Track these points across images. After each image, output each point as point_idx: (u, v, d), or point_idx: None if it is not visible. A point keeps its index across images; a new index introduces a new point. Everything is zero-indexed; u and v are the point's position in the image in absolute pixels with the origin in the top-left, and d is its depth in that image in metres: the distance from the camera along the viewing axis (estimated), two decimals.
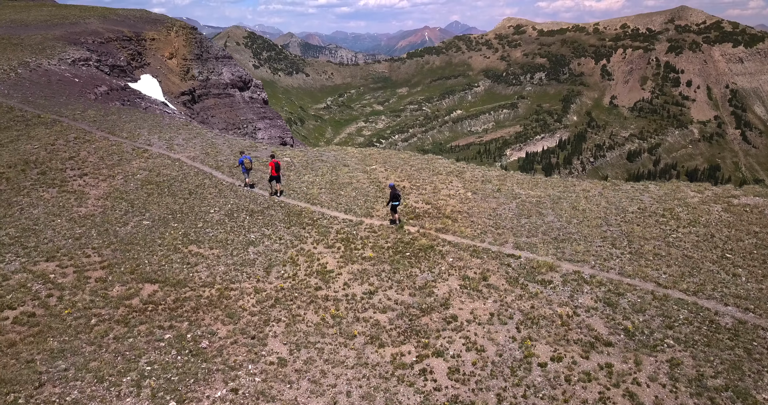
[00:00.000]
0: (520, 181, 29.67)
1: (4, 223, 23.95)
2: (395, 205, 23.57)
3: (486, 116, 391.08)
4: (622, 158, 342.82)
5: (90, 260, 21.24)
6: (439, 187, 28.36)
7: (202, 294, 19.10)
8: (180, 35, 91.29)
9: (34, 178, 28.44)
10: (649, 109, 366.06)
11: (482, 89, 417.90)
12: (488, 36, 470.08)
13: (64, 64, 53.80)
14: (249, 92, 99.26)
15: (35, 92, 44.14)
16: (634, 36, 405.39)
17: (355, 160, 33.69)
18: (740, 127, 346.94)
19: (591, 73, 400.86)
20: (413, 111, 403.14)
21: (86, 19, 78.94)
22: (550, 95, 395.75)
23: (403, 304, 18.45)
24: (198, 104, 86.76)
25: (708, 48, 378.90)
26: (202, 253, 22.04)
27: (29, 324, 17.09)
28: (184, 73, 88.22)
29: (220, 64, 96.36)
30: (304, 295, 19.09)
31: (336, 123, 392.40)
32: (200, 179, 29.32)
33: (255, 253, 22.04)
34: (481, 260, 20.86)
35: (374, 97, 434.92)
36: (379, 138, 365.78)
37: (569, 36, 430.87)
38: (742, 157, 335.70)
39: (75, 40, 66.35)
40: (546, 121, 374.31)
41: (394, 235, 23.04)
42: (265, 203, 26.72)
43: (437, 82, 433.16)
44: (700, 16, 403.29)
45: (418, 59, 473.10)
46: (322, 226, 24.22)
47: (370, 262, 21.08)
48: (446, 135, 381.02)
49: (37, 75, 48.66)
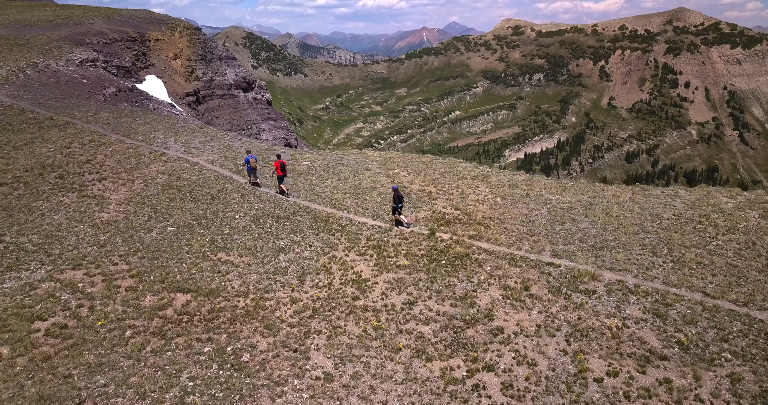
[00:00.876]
0: (547, 185, 29.21)
1: (26, 229, 23.36)
2: (399, 207, 23.67)
3: (484, 117, 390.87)
4: (621, 159, 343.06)
5: (118, 268, 20.67)
6: (466, 191, 27.87)
7: (237, 304, 18.55)
8: (184, 36, 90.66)
9: (52, 182, 27.83)
10: (648, 110, 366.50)
11: (481, 90, 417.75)
12: (487, 37, 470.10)
13: (72, 65, 53.12)
14: (253, 93, 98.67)
15: (45, 93, 43.47)
16: (633, 37, 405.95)
17: (376, 164, 33.18)
18: (738, 128, 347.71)
19: (589, 74, 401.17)
20: (412, 112, 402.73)
21: (90, 20, 78.22)
22: (548, 96, 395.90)
23: (445, 315, 17.94)
24: (202, 105, 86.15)
25: (706, 49, 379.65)
26: (232, 260, 21.49)
27: (62, 336, 16.51)
28: (189, 73, 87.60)
29: (224, 64, 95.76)
30: (342, 306, 18.56)
31: (334, 124, 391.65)
32: (221, 183, 28.76)
33: (286, 261, 21.50)
34: (520, 269, 20.38)
35: (373, 98, 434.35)
36: (377, 139, 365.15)
37: (568, 37, 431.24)
38: (740, 159, 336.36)
39: (80, 41, 65.68)
40: (544, 122, 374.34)
41: (427, 243, 22.53)
42: (291, 208, 26.19)
43: (436, 82, 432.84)
44: (698, 18, 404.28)
45: (417, 60, 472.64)
46: (351, 233, 23.70)
47: (406, 271, 20.57)
48: (445, 136, 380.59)
49: (45, 76, 47.98)
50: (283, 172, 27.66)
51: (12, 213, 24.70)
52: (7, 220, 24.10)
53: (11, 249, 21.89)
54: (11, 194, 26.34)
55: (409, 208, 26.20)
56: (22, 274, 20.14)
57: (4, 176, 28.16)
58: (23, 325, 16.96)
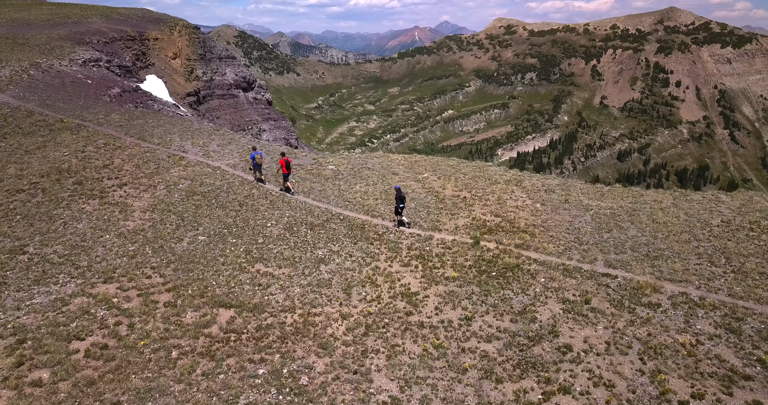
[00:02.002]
0: (584, 190, 28.40)
1: (49, 239, 22.20)
2: (401, 207, 23.51)
3: (477, 116, 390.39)
4: (613, 158, 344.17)
5: (152, 281, 19.59)
6: (503, 197, 26.99)
7: (284, 320, 17.55)
8: (183, 35, 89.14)
9: (70, 188, 26.64)
10: (639, 109, 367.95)
11: (473, 89, 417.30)
12: (479, 36, 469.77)
13: (75, 65, 51.67)
14: (253, 93, 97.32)
15: (51, 95, 42.09)
16: (624, 37, 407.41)
17: (403, 167, 32.22)
18: (728, 127, 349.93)
19: (581, 73, 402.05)
20: (405, 111, 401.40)
21: (88, 19, 76.56)
22: (540, 95, 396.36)
23: (507, 331, 17.04)
24: (203, 105, 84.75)
25: (697, 49, 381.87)
26: (272, 272, 20.47)
27: (104, 357, 15.44)
28: (188, 73, 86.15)
29: (223, 64, 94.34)
30: (396, 322, 17.61)
31: (327, 123, 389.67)
32: (247, 189, 27.69)
33: (328, 272, 20.52)
34: (576, 280, 19.53)
35: (365, 97, 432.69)
36: (371, 138, 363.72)
37: (560, 36, 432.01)
38: (730, 157, 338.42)
39: (80, 40, 64.13)
40: (537, 121, 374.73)
41: (473, 252, 21.62)
42: (323, 216, 25.17)
43: (428, 82, 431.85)
44: (688, 17, 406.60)
45: (410, 59, 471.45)
46: (390, 241, 22.76)
47: (456, 283, 19.66)
48: (438, 135, 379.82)
49: (50, 76, 46.54)
50: (288, 170, 27.28)
51: (33, 222, 23.52)
52: (29, 229, 22.92)
53: (36, 261, 20.77)
54: (30, 202, 25.14)
55: (445, 214, 25.27)
56: (52, 289, 19.04)
57: (19, 182, 26.94)
58: (60, 345, 15.89)
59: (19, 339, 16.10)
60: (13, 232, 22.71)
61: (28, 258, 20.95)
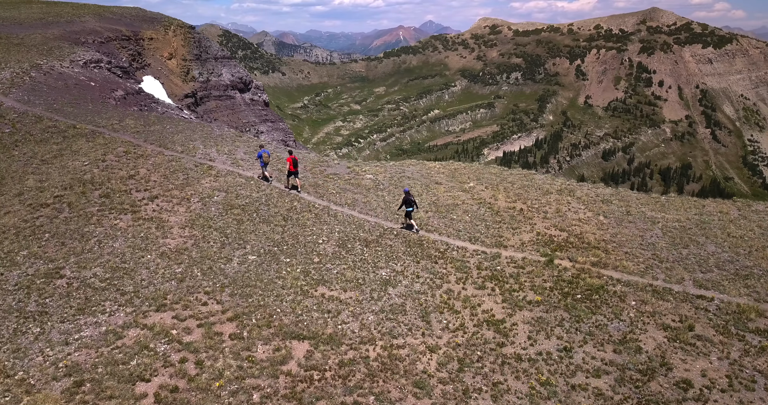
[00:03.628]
0: (642, 200, 27.12)
1: (86, 260, 20.25)
2: (409, 211, 23.06)
3: (463, 116, 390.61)
4: (598, 157, 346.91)
5: (210, 309, 17.80)
6: (561, 209, 25.58)
7: (367, 354, 15.90)
8: (178, 35, 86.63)
9: (98, 202, 24.62)
10: (623, 108, 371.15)
11: (459, 89, 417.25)
12: (464, 36, 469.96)
13: (76, 67, 49.23)
14: (249, 94, 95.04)
15: (57, 98, 39.76)
16: (608, 37, 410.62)
17: (444, 176, 30.63)
18: (710, 126, 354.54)
19: (566, 73, 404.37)
20: (391, 110, 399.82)
21: (81, 17, 73.72)
22: (526, 95, 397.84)
23: (613, 364, 15.60)
24: (200, 107, 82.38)
25: (679, 49, 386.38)
26: (337, 296, 18.79)
27: (178, 403, 13.66)
28: (185, 74, 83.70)
29: (219, 64, 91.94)
30: (490, 355, 16.07)
31: (313, 122, 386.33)
32: (287, 202, 25.90)
33: (398, 296, 18.91)
34: (670, 303, 18.18)
35: (351, 97, 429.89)
36: (357, 138, 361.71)
37: (544, 36, 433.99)
38: (712, 156, 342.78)
39: (75, 40, 61.50)
40: (522, 121, 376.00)
41: (549, 272, 20.18)
42: (376, 231, 23.52)
43: (414, 81, 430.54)
44: (670, 18, 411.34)
45: (395, 59, 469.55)
46: (455, 260, 21.21)
47: (541, 308, 18.18)
48: (424, 135, 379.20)
49: (52, 79, 44.12)
50: (296, 168, 26.68)
51: (64, 240, 21.53)
52: (61, 249, 20.95)
53: (76, 286, 18.85)
54: (57, 217, 23.12)
55: (506, 229, 23.78)
56: (100, 319, 17.17)
57: (42, 195, 24.88)
58: (125, 388, 14.12)
59: (76, 381, 14.29)
60: (44, 252, 20.73)
61: (66, 282, 19.02)
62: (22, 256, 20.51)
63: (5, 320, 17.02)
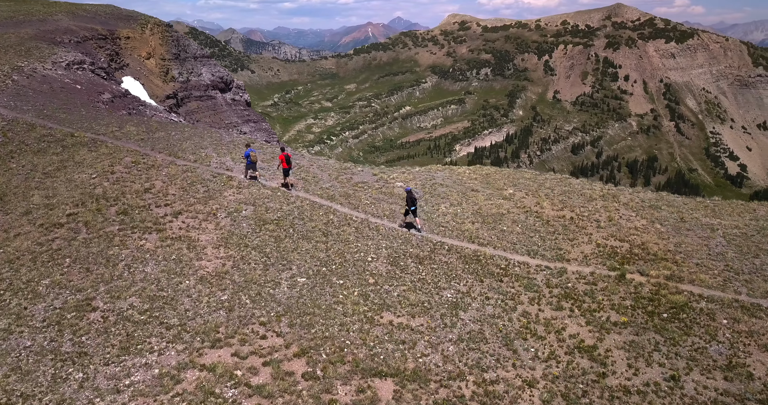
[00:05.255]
0: (690, 205, 26.22)
1: (117, 289, 18.17)
2: (413, 209, 22.42)
3: (434, 112, 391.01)
4: (567, 151, 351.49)
5: (271, 343, 16.00)
6: (613, 217, 24.44)
7: (461, 393, 14.37)
8: (155, 33, 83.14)
9: (116, 219, 22.44)
10: (590, 103, 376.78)
11: (430, 85, 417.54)
12: (434, 32, 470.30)
13: (59, 69, 46.18)
14: (231, 94, 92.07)
15: (45, 103, 36.94)
16: (574, 32, 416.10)
17: (478, 182, 29.20)
18: (674, 119, 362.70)
19: (534, 68, 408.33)
20: (362, 107, 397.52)
21: (54, 16, 69.92)
22: (496, 90, 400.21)
23: (729, 394, 14.42)
24: (182, 108, 79.21)
25: (643, 44, 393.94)
26: (407, 324, 17.20)
27: None
28: (164, 74, 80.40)
29: (199, 63, 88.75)
30: (595, 388, 14.69)
31: (284, 120, 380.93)
32: (322, 215, 24.11)
33: (473, 321, 17.41)
34: (764, 321, 17.15)
35: (322, 94, 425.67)
36: (329, 135, 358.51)
37: (512, 32, 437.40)
38: (676, 148, 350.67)
39: (51, 39, 58.01)
40: (493, 116, 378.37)
41: (624, 288, 18.96)
42: (426, 245, 21.96)
43: (385, 78, 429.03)
44: (634, 14, 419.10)
45: (365, 55, 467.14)
46: (521, 277, 19.83)
47: (630, 330, 16.92)
48: (396, 131, 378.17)
49: (36, 82, 41.14)
50: (289, 165, 25.93)
51: (88, 266, 19.38)
52: (87, 276, 18.81)
53: (113, 319, 16.79)
54: (75, 239, 20.90)
55: (562, 240, 22.52)
56: (149, 359, 15.21)
57: (52, 214, 22.57)
58: None
59: None
60: (69, 281, 18.57)
61: (101, 316, 16.95)
62: (45, 285, 18.33)
63: (40, 364, 14.95)
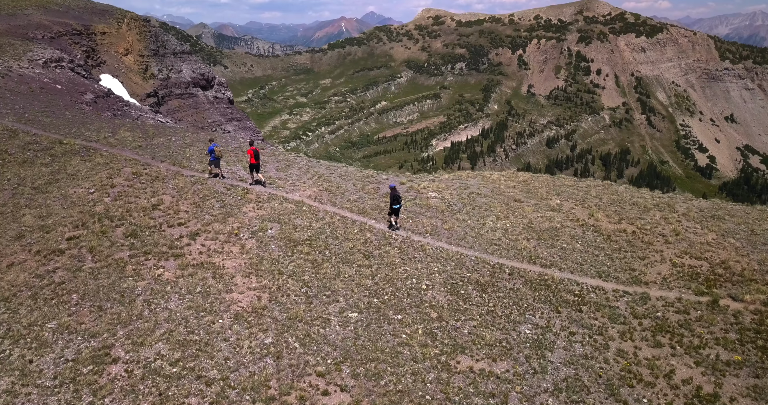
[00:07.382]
0: (753, 215, 24.32)
1: (140, 332, 15.27)
2: (396, 208, 21.37)
3: (410, 107, 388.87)
4: (542, 145, 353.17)
5: (336, 401, 13.39)
6: (679, 230, 22.29)
7: None
8: (132, 28, 78.77)
9: (125, 243, 19.45)
10: (564, 97, 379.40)
11: (405, 80, 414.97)
12: (408, 27, 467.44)
13: (37, 67, 42.36)
14: (213, 91, 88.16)
15: (25, 106, 33.32)
16: (547, 27, 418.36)
17: (518, 190, 26.82)
18: (645, 112, 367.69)
19: (509, 62, 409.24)
20: (338, 103, 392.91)
21: (24, 10, 65.24)
22: (471, 85, 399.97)
23: None
24: (163, 107, 75.22)
25: (614, 38, 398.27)
26: (490, 370, 14.74)
27: None
28: (143, 71, 76.23)
29: (178, 60, 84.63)
30: None
31: (259, 116, 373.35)
32: (358, 232, 21.45)
33: (565, 365, 15.04)
34: None
35: (297, 89, 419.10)
36: (305, 131, 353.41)
37: (486, 27, 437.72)
38: (648, 141, 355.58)
39: (23, 35, 53.76)
40: (468, 111, 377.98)
41: (721, 317, 16.83)
42: (482, 269, 19.48)
43: (360, 73, 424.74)
44: (605, 8, 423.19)
45: (340, 50, 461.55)
46: (601, 306, 17.53)
47: (747, 372, 14.78)
48: (373, 126, 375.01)
49: (13, 82, 37.37)
50: (257, 160, 24.36)
51: (100, 303, 16.40)
52: (101, 317, 15.84)
53: (139, 374, 13.92)
54: (80, 270, 17.86)
55: (633, 259, 20.29)
56: None
57: (50, 238, 19.45)
58: None
59: None
60: (79, 323, 15.59)
61: (125, 369, 14.07)
62: (51, 330, 15.33)
63: None
